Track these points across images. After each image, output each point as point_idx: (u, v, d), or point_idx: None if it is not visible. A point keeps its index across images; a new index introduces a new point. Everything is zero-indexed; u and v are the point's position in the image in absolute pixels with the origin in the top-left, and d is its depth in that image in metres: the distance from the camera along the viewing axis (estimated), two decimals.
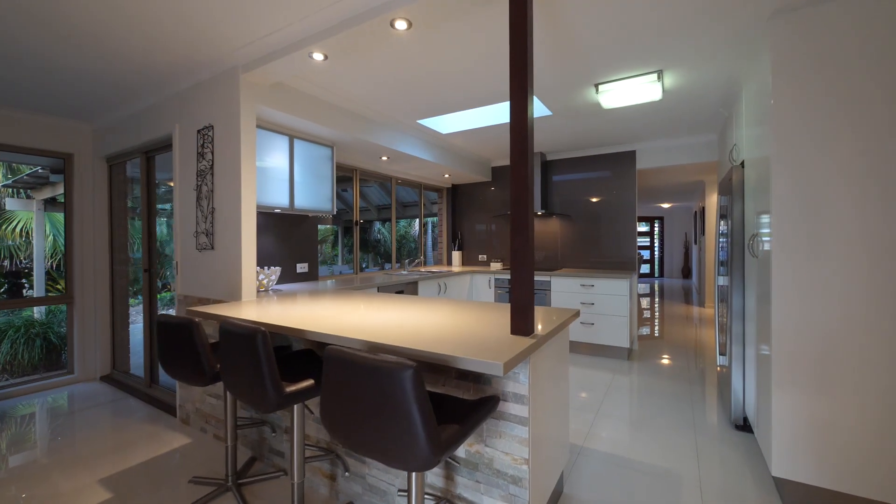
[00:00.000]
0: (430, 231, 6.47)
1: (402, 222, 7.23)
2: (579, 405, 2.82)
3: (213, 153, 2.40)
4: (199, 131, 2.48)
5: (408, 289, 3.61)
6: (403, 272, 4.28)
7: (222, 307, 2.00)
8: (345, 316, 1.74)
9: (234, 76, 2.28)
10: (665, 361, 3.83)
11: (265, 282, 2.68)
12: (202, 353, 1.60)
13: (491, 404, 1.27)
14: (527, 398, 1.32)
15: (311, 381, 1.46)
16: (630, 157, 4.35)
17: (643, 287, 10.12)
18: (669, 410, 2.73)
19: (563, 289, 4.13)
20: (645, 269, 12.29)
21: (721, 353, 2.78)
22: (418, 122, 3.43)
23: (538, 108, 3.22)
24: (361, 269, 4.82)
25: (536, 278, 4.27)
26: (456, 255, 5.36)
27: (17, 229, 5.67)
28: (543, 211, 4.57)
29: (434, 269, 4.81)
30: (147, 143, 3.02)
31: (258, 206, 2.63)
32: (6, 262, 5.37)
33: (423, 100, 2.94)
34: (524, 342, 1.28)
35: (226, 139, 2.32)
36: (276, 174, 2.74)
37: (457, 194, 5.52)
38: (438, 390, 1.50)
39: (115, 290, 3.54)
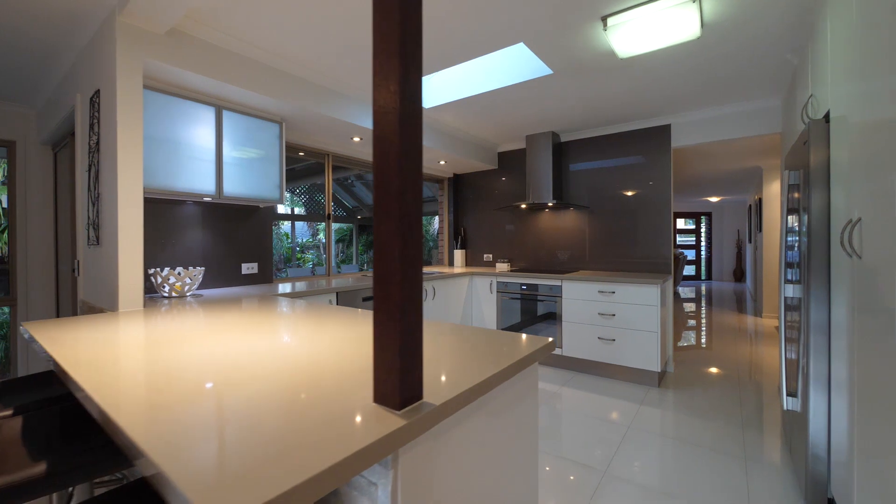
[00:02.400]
0: (447, 228, 5.86)
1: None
2: (581, 457, 2.09)
3: (99, 125, 1.91)
4: (91, 99, 2.00)
5: None
6: None
7: (54, 324, 1.48)
8: (201, 343, 1.16)
9: (111, 21, 1.76)
10: (709, 392, 2.98)
11: (179, 285, 2.16)
12: None
13: None
14: None
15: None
16: (663, 133, 3.50)
17: (687, 291, 8.96)
18: (712, 473, 1.94)
19: (577, 295, 3.37)
20: (689, 270, 11.01)
21: (790, 394, 1.95)
22: None
23: (534, 67, 2.51)
24: (361, 269, 4.26)
25: (545, 282, 3.54)
26: (458, 254, 4.70)
27: None
28: (556, 202, 3.81)
29: (430, 269, 4.18)
30: (71, 122, 2.60)
31: (171, 192, 2.11)
32: None
33: None
34: (381, 427, 0.63)
35: (110, 106, 1.82)
36: (198, 153, 2.22)
37: (459, 185, 4.85)
38: None
39: (60, 291, 3.19)
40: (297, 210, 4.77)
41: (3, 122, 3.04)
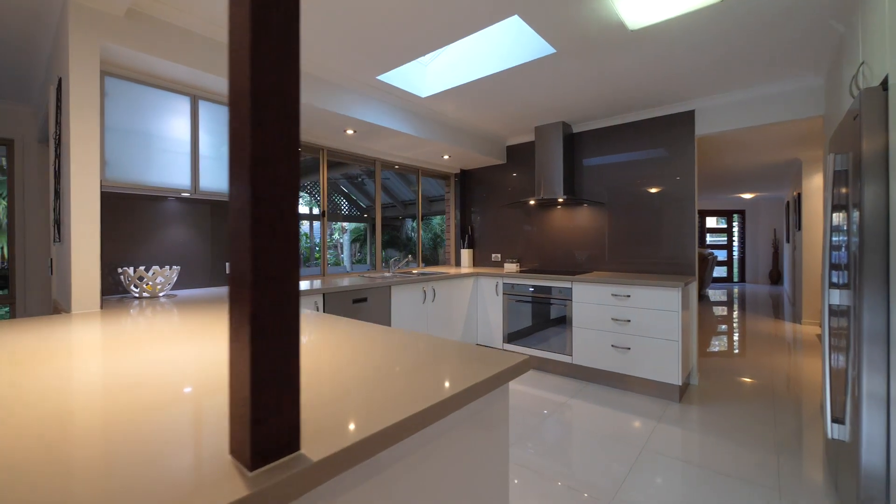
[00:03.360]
0: (453, 227, 5.67)
1: (436, 219, 6.62)
2: (585, 481, 1.83)
3: (60, 115, 1.80)
4: (57, 89, 1.90)
5: (376, 296, 2.83)
6: (387, 274, 3.51)
7: None
8: (103, 357, 1.01)
9: (65, 1, 1.65)
10: (738, 409, 2.65)
11: (150, 285, 2.04)
12: None
13: None
14: None
15: None
16: (686, 120, 3.17)
17: (717, 294, 8.41)
18: None
19: (589, 299, 3.09)
20: (720, 272, 10.38)
21: (836, 420, 1.64)
22: (378, 78, 2.62)
23: (534, 46, 2.27)
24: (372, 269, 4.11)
25: (553, 284, 3.27)
26: (466, 253, 4.48)
27: None
28: (567, 197, 3.54)
29: (434, 269, 3.99)
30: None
31: (141, 187, 2.00)
32: None
33: (362, 41, 2.13)
34: (207, 499, 0.42)
35: (67, 95, 1.70)
36: (172, 146, 2.09)
37: (467, 182, 4.63)
38: None
39: None
40: (313, 210, 4.65)
41: (2, 120, 3.04)
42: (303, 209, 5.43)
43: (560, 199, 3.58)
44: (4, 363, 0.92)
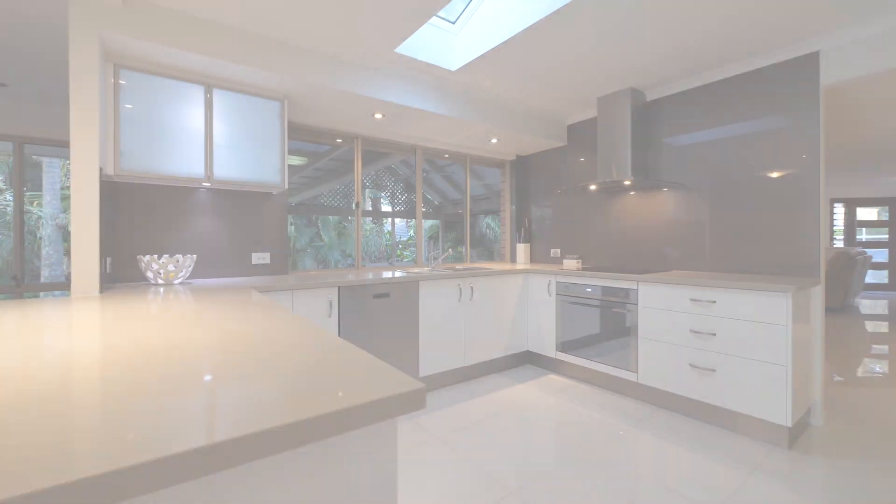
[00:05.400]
0: (509, 220, 5.24)
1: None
2: None
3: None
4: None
5: (401, 291, 2.60)
6: (424, 269, 3.26)
7: None
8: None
9: None
10: (886, 467, 1.83)
11: (164, 273, 2.07)
12: None
13: None
14: None
15: None
16: (806, 66, 2.35)
17: (873, 305, 6.54)
18: None
19: (659, 304, 2.46)
20: (878, 276, 8.12)
21: None
22: (398, 51, 2.37)
23: None
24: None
25: (615, 284, 2.70)
26: (522, 248, 4.04)
27: None
28: (636, 180, 2.90)
29: (479, 265, 3.63)
30: None
31: (154, 177, 2.04)
32: None
33: (366, 5, 1.89)
34: None
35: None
36: (186, 135, 2.11)
37: (523, 169, 4.17)
38: None
39: None
40: (386, 207, 4.66)
41: None
42: (385, 208, 5.51)
43: (627, 182, 2.96)
44: None
